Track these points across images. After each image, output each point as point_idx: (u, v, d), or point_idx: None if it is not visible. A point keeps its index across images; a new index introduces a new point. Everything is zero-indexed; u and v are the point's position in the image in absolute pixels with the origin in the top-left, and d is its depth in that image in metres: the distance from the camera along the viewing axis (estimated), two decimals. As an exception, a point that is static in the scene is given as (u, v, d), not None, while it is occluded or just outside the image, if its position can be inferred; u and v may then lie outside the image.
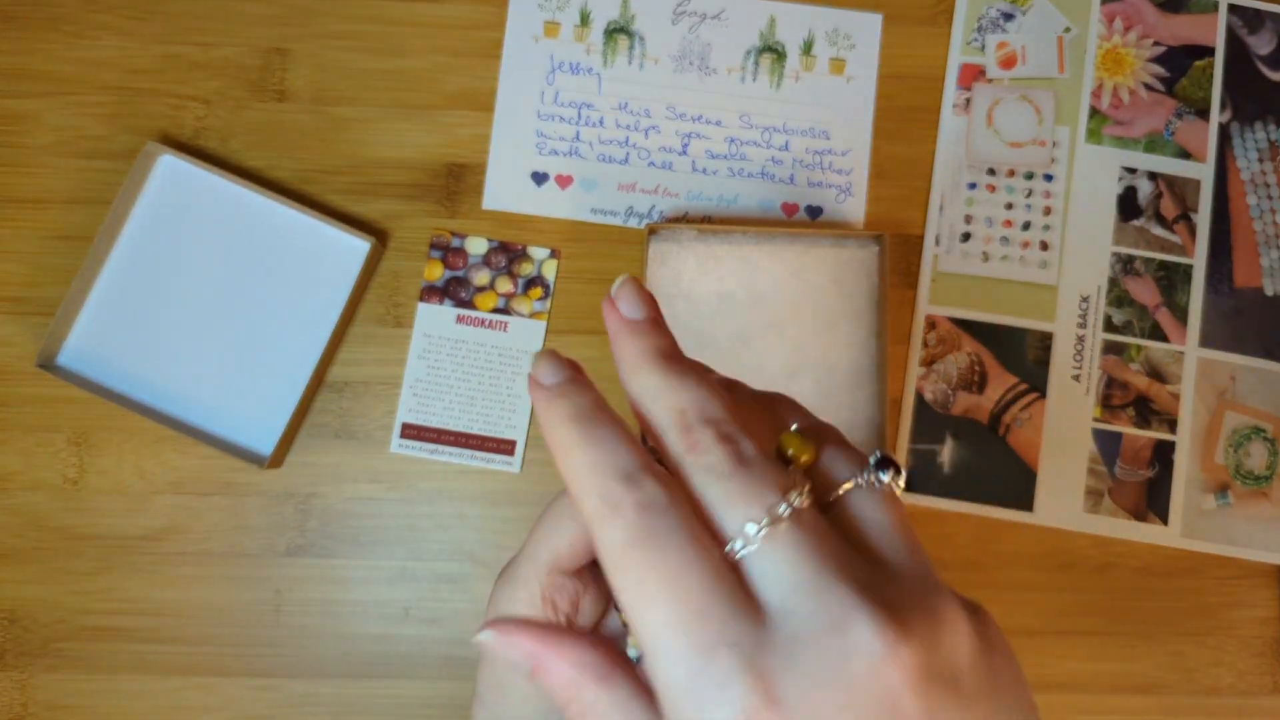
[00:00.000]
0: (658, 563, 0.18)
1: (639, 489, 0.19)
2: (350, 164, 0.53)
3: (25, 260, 0.52)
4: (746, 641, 0.18)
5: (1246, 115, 0.55)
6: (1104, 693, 0.52)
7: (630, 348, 0.22)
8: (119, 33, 0.53)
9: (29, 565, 0.50)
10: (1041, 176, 0.54)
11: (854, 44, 0.54)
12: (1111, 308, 0.54)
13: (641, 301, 0.23)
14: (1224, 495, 0.53)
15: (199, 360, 0.51)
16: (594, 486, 0.20)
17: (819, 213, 0.54)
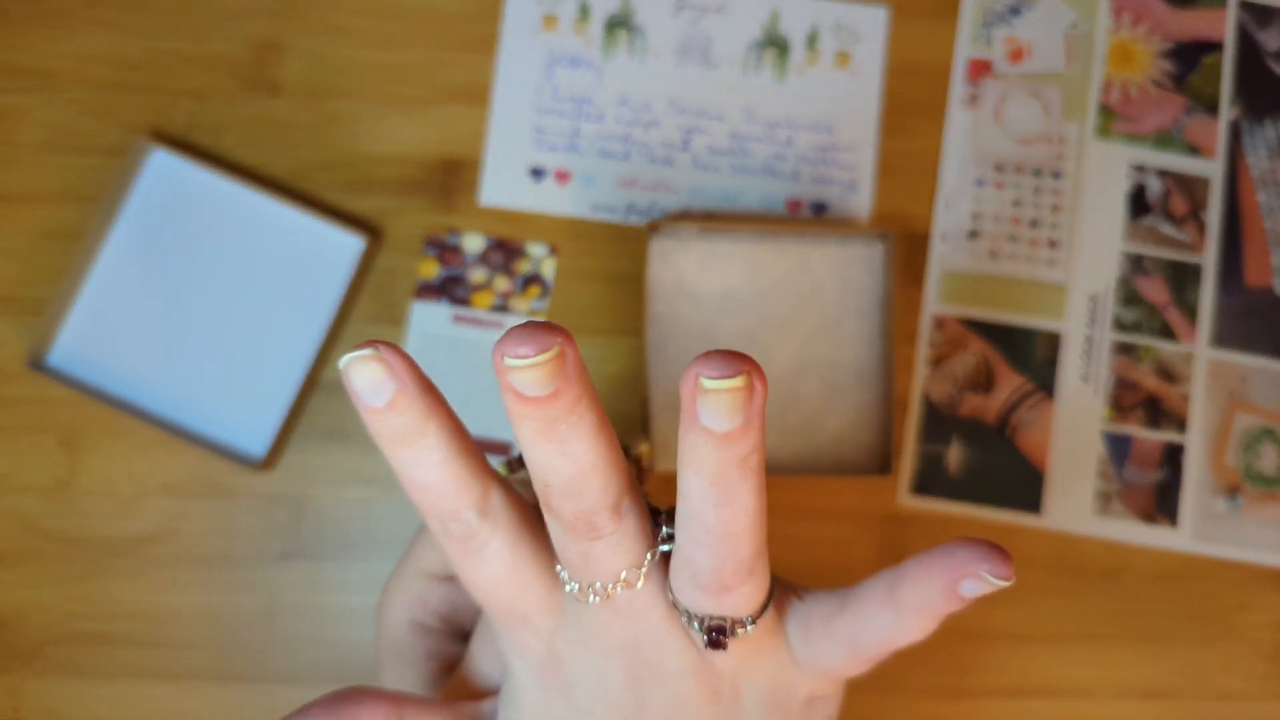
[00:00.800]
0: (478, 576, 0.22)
1: (459, 523, 0.22)
2: (344, 159, 0.52)
3: (14, 258, 0.51)
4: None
5: (1256, 112, 0.55)
6: (1113, 698, 0.52)
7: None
8: (109, 27, 0.53)
9: (18, 569, 0.50)
10: (1049, 173, 0.54)
11: (859, 37, 0.54)
12: (1121, 307, 0.53)
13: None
14: (1235, 498, 0.52)
15: (191, 360, 0.50)
16: (425, 510, 0.21)
17: (824, 209, 0.54)
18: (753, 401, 0.18)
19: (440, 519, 0.22)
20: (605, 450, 0.20)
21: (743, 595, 0.21)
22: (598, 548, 0.21)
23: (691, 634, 0.22)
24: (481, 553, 0.22)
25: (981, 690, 0.51)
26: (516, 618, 0.23)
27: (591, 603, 0.22)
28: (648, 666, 0.23)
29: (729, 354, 0.18)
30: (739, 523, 0.20)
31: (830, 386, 0.51)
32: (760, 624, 0.22)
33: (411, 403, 0.20)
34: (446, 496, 0.21)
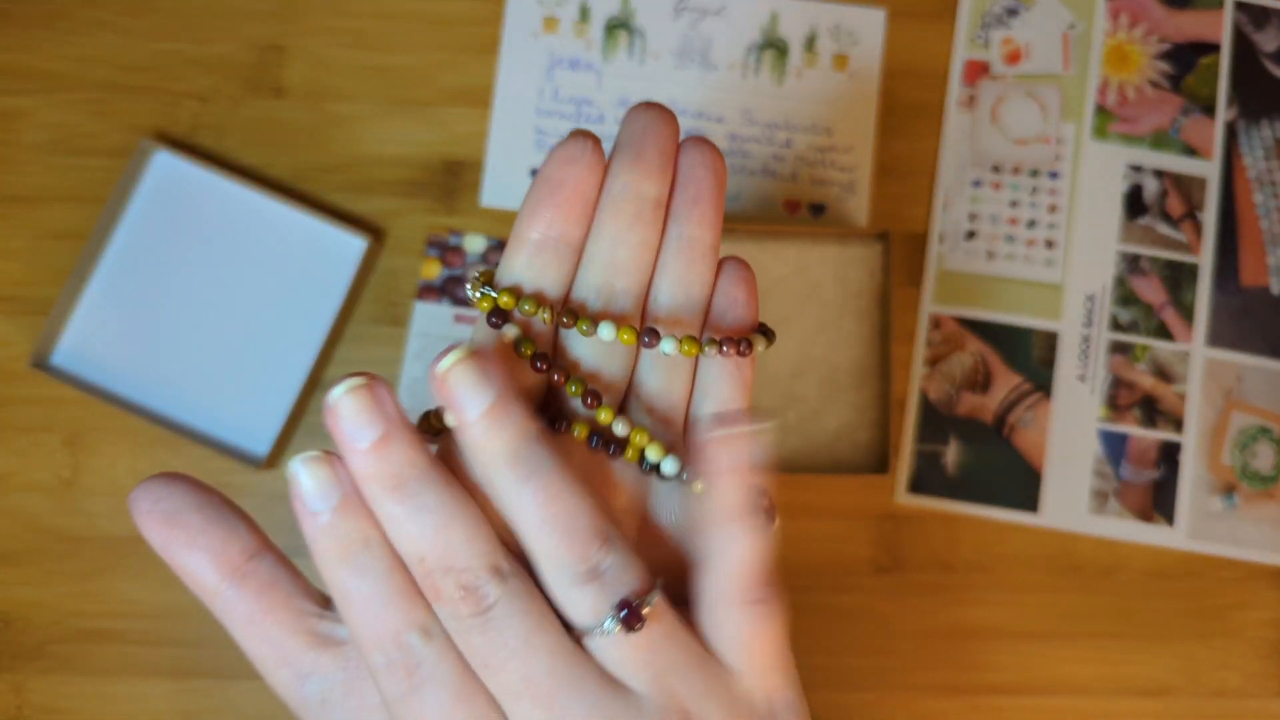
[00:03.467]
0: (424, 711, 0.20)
1: (405, 653, 0.20)
2: (346, 161, 0.52)
3: (18, 259, 0.51)
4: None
5: (1253, 112, 0.55)
6: (1109, 695, 0.52)
7: (361, 480, 0.21)
8: (113, 29, 0.53)
9: (23, 567, 0.50)
10: (1047, 174, 0.54)
11: (857, 40, 0.54)
12: (1117, 307, 0.53)
13: (369, 419, 0.20)
14: (1230, 496, 0.52)
15: (194, 360, 0.50)
16: (367, 642, 0.20)
17: (822, 210, 0.54)
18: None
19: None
20: (467, 505, 0.20)
21: (614, 566, 0.20)
22: (490, 628, 0.20)
23: (604, 631, 0.20)
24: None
25: (980, 688, 0.51)
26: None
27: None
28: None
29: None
30: (540, 507, 0.20)
31: (828, 386, 0.51)
32: (659, 605, 0.21)
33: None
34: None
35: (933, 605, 0.52)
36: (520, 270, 0.22)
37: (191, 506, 0.21)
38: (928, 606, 0.52)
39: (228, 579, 0.21)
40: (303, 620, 0.21)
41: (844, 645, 0.51)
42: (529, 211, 0.22)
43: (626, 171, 0.22)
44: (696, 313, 0.24)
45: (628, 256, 0.23)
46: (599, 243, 0.23)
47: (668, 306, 0.23)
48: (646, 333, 0.22)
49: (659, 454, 0.23)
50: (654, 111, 0.23)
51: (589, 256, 0.23)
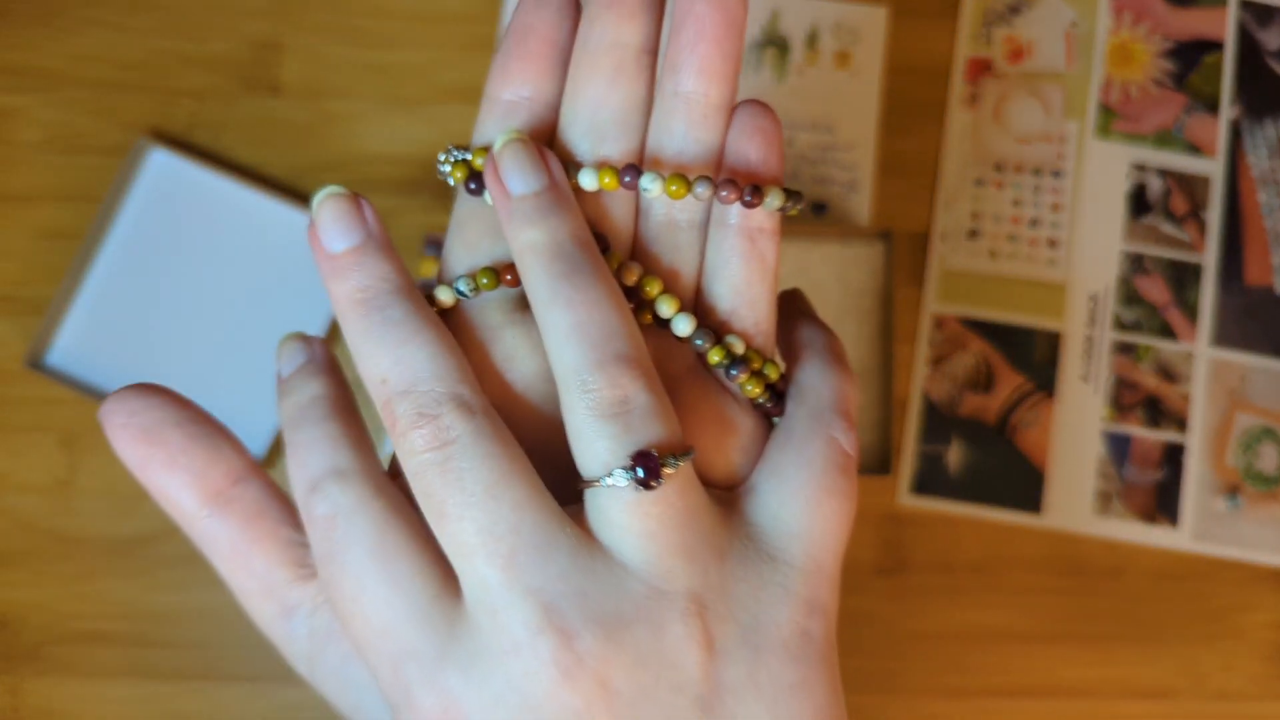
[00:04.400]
0: (343, 578, 0.18)
1: (325, 499, 0.18)
2: (344, 159, 0.52)
3: (14, 258, 0.51)
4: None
5: (1257, 111, 0.55)
6: (1114, 698, 0.52)
7: (333, 293, 0.19)
8: (109, 26, 0.52)
9: (19, 568, 0.50)
10: (1050, 173, 0.54)
11: (859, 37, 0.54)
12: (1121, 306, 0.53)
13: (347, 226, 0.19)
14: (1235, 498, 0.52)
15: (190, 359, 0.50)
16: (298, 498, 0.19)
17: (824, 209, 0.54)
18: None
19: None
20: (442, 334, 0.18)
21: (644, 408, 0.17)
22: (449, 472, 0.18)
23: (611, 484, 0.17)
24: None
25: (982, 690, 0.51)
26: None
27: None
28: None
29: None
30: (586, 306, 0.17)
31: (830, 386, 0.51)
32: (688, 474, 0.18)
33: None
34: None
35: (935, 607, 0.51)
36: (494, 133, 0.20)
37: (172, 422, 0.19)
38: (930, 608, 0.51)
39: (209, 504, 0.19)
40: (291, 550, 0.20)
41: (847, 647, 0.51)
42: (499, 68, 0.20)
43: (601, 16, 0.19)
44: (703, 155, 0.20)
45: (611, 119, 0.20)
46: (576, 104, 0.20)
47: (673, 153, 0.20)
48: (627, 169, 0.19)
49: (671, 308, 0.20)
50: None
51: (568, 116, 0.20)
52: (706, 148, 0.20)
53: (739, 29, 0.19)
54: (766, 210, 0.20)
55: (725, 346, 0.20)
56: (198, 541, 0.20)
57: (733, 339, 0.20)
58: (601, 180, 0.19)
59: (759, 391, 0.20)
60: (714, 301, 0.20)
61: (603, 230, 0.20)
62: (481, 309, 0.20)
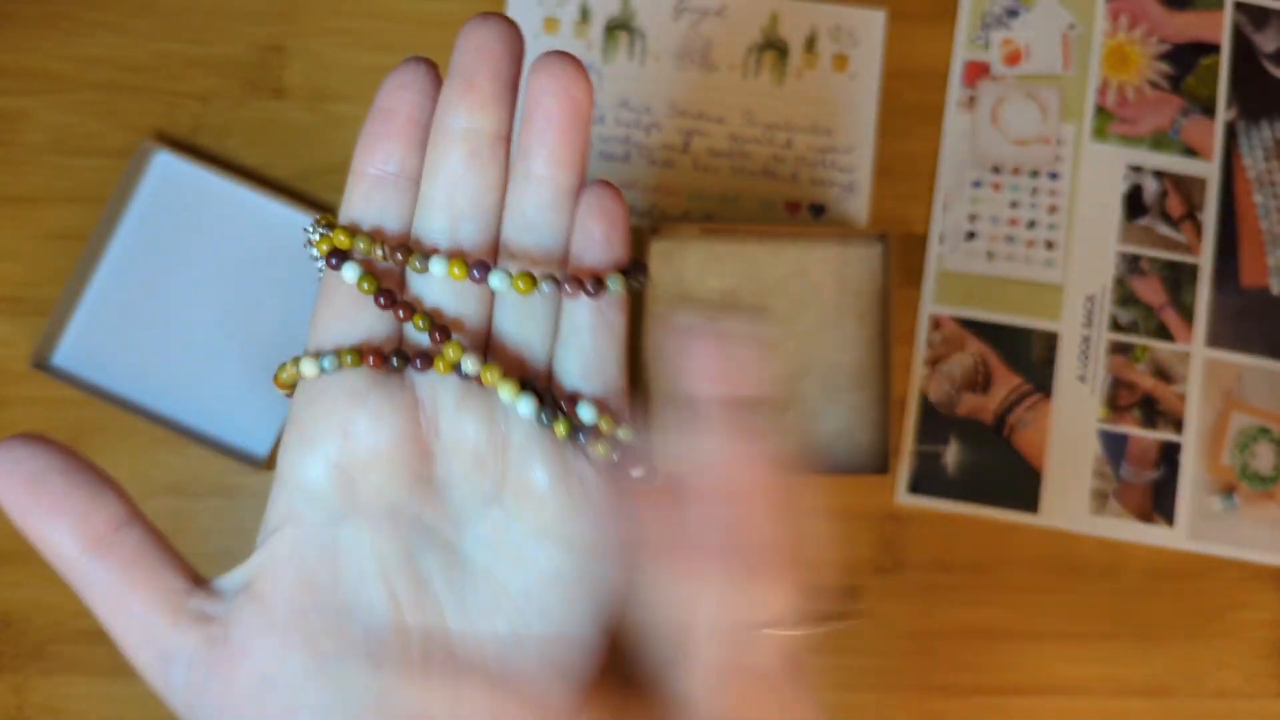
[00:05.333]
0: None
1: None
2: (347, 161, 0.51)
3: (19, 260, 0.51)
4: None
5: (1252, 113, 0.55)
6: (1110, 696, 0.52)
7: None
8: (114, 29, 0.53)
9: (24, 567, 0.50)
10: (1046, 175, 0.54)
11: (857, 40, 0.54)
12: (1117, 307, 0.53)
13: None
14: (1230, 497, 0.52)
15: (195, 361, 0.50)
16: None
17: (822, 211, 0.54)
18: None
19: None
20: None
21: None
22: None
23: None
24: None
25: (980, 688, 0.52)
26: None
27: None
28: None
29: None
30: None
31: (828, 386, 0.51)
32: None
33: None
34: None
35: (933, 606, 0.52)
36: (358, 208, 0.21)
37: (55, 469, 0.20)
38: (928, 607, 0.52)
39: (89, 549, 0.20)
40: (170, 597, 0.20)
41: (844, 645, 0.51)
42: (363, 145, 0.21)
43: (458, 103, 0.20)
44: (549, 249, 0.21)
45: (466, 200, 0.21)
46: (434, 185, 0.21)
47: (515, 241, 0.21)
48: (476, 266, 0.20)
49: (512, 393, 0.21)
50: (489, 27, 0.20)
51: (426, 197, 0.21)
52: (556, 229, 0.21)
53: (585, 118, 0.21)
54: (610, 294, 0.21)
55: (570, 419, 0.21)
56: (77, 587, 0.20)
57: (583, 405, 0.21)
58: (451, 271, 0.20)
59: (609, 452, 0.21)
60: (565, 371, 0.22)
61: (456, 312, 0.21)
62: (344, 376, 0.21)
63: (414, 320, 0.21)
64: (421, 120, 0.21)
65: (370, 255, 0.21)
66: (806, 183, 0.54)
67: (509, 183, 0.21)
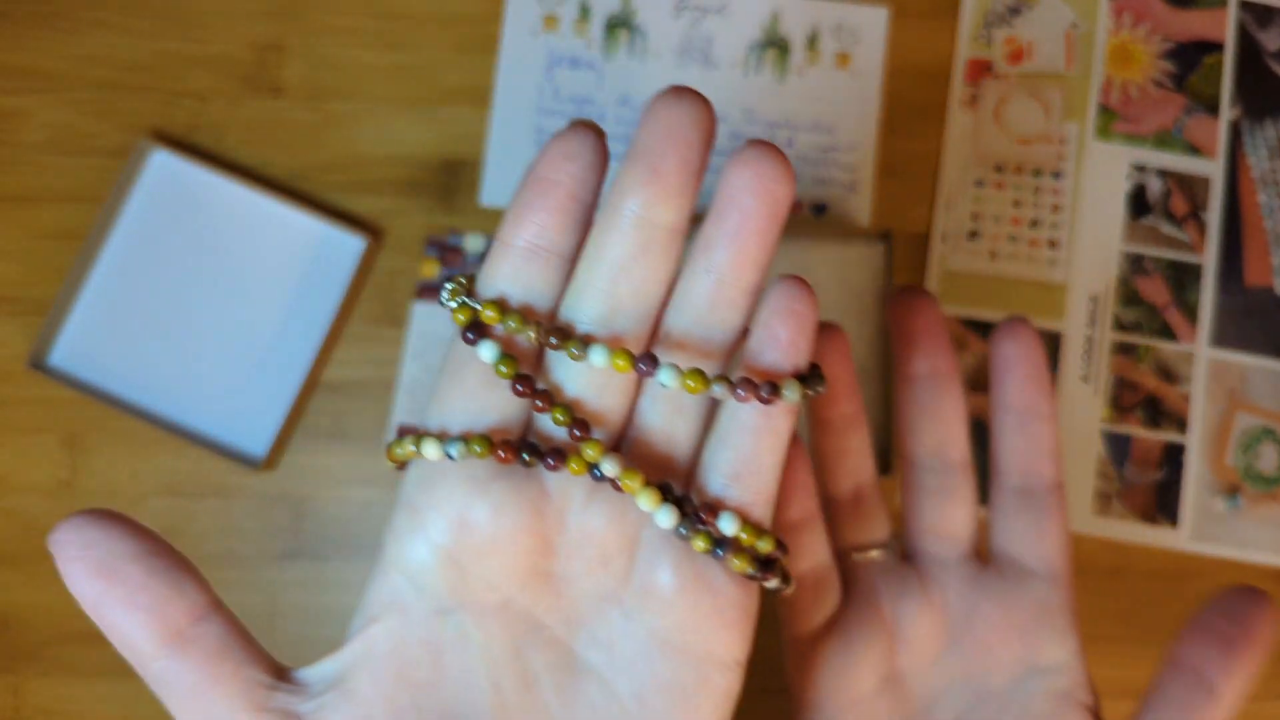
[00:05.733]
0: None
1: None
2: (346, 160, 0.52)
3: (16, 259, 0.51)
4: None
5: (1257, 112, 0.55)
6: (1113, 698, 0.51)
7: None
8: (111, 28, 0.53)
9: (21, 568, 0.50)
10: (1049, 174, 0.54)
11: (859, 38, 0.54)
12: (1121, 307, 0.53)
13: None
14: (1235, 498, 0.52)
15: (192, 360, 0.50)
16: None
17: (824, 210, 0.54)
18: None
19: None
20: None
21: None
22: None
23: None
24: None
25: (982, 690, 0.51)
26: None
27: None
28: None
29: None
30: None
31: (830, 387, 0.51)
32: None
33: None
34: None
35: (935, 607, 0.52)
36: (505, 280, 0.20)
37: (130, 555, 0.18)
38: (930, 608, 0.52)
39: (168, 644, 0.18)
40: (253, 694, 0.19)
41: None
42: (517, 214, 0.19)
43: (637, 190, 0.18)
44: (717, 345, 0.20)
45: (629, 290, 0.19)
46: (596, 270, 0.19)
47: (681, 333, 0.20)
48: (644, 358, 0.19)
49: (652, 503, 0.19)
50: (683, 109, 0.18)
51: (583, 281, 0.19)
52: (728, 326, 0.20)
53: (783, 217, 0.19)
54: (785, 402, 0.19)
55: (709, 532, 0.19)
56: (153, 684, 0.19)
57: (726, 516, 0.19)
58: (614, 363, 0.19)
59: (747, 566, 0.20)
60: (713, 467, 0.20)
61: (594, 409, 0.20)
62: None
63: (552, 414, 0.19)
64: (584, 197, 0.19)
65: (514, 333, 0.19)
66: (808, 181, 0.54)
67: (683, 272, 0.20)
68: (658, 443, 0.20)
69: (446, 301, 0.20)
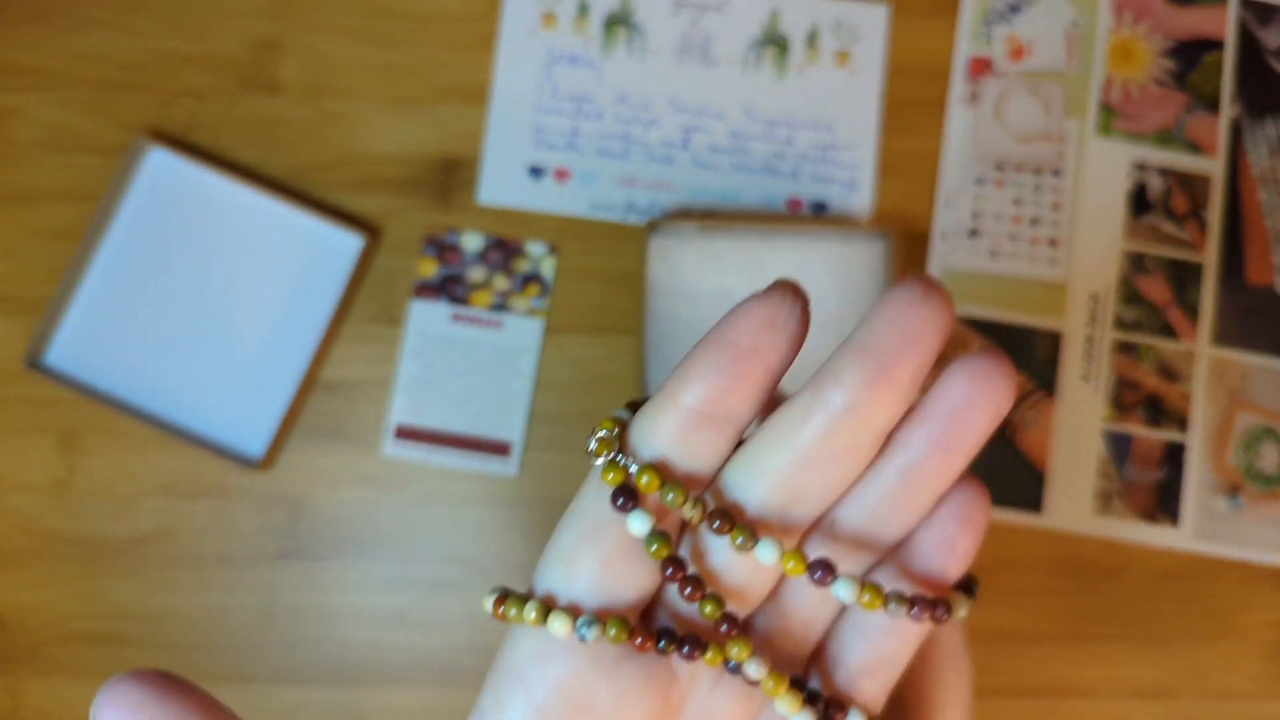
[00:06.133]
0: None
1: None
2: (343, 159, 0.52)
3: (12, 258, 0.51)
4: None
5: (1257, 109, 0.55)
6: (1115, 697, 0.52)
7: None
8: (108, 26, 0.53)
9: (17, 569, 0.50)
10: (1050, 172, 0.54)
11: (859, 36, 0.54)
12: (1121, 306, 0.53)
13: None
14: (1236, 497, 0.52)
15: (189, 360, 0.50)
16: None
17: (824, 208, 0.54)
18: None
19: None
20: None
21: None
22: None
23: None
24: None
25: (983, 689, 0.51)
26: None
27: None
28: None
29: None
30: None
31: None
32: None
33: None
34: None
35: (935, 607, 0.52)
36: (667, 441, 0.17)
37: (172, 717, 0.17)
38: (930, 608, 0.52)
39: None
40: None
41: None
42: (698, 373, 0.17)
43: (860, 387, 0.16)
44: (884, 544, 0.18)
45: (817, 484, 0.17)
46: (782, 452, 0.17)
47: (850, 528, 0.18)
48: (820, 565, 0.17)
49: (793, 707, 0.18)
50: (930, 310, 0.16)
51: (763, 460, 0.17)
52: (901, 527, 0.18)
53: (1001, 415, 0.17)
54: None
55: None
56: None
57: (854, 713, 0.18)
58: (785, 565, 0.17)
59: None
60: (845, 659, 0.19)
61: (737, 592, 0.18)
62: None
63: (702, 606, 0.17)
64: (780, 370, 0.17)
65: (672, 507, 0.17)
66: (808, 179, 0.54)
67: (872, 466, 0.18)
68: (795, 630, 0.19)
69: (593, 454, 0.18)
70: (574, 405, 0.52)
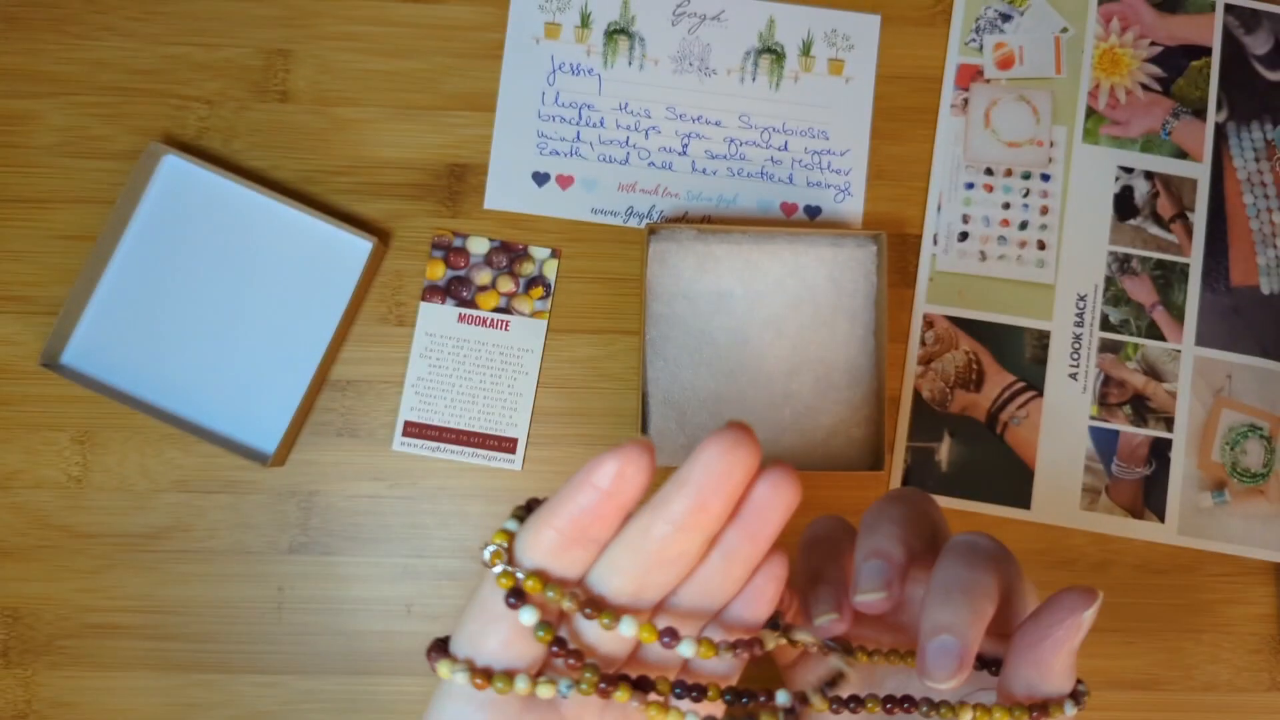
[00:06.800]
0: None
1: None
2: (352, 164, 0.53)
3: (29, 260, 0.52)
4: None
5: (1243, 115, 0.55)
6: (1101, 689, 0.52)
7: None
8: (122, 33, 0.53)
9: (33, 563, 0.50)
10: (1039, 176, 0.54)
11: (852, 45, 0.55)
12: (1108, 306, 0.54)
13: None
14: (1220, 493, 0.53)
15: (202, 359, 0.51)
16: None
17: (818, 212, 0.54)
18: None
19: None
20: None
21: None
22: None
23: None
24: None
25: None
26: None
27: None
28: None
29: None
30: None
31: (823, 384, 0.52)
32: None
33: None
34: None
35: (927, 599, 0.52)
36: (545, 555, 0.22)
37: None
38: (922, 601, 0.52)
39: None
40: None
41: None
42: (570, 509, 0.22)
43: (683, 516, 0.21)
44: (708, 611, 0.24)
45: (661, 579, 0.22)
46: (634, 557, 0.22)
47: (690, 603, 0.23)
48: (666, 633, 0.23)
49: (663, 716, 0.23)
50: (734, 454, 0.21)
51: (620, 562, 0.22)
52: (725, 596, 0.24)
53: (791, 511, 0.22)
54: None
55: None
56: None
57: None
58: (641, 635, 0.23)
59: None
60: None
61: (609, 657, 0.24)
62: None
63: (582, 674, 0.22)
64: (632, 504, 0.22)
65: (552, 603, 0.22)
66: (802, 184, 0.54)
67: (703, 561, 0.23)
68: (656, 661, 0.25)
69: (489, 564, 0.22)
70: (576, 402, 0.52)
